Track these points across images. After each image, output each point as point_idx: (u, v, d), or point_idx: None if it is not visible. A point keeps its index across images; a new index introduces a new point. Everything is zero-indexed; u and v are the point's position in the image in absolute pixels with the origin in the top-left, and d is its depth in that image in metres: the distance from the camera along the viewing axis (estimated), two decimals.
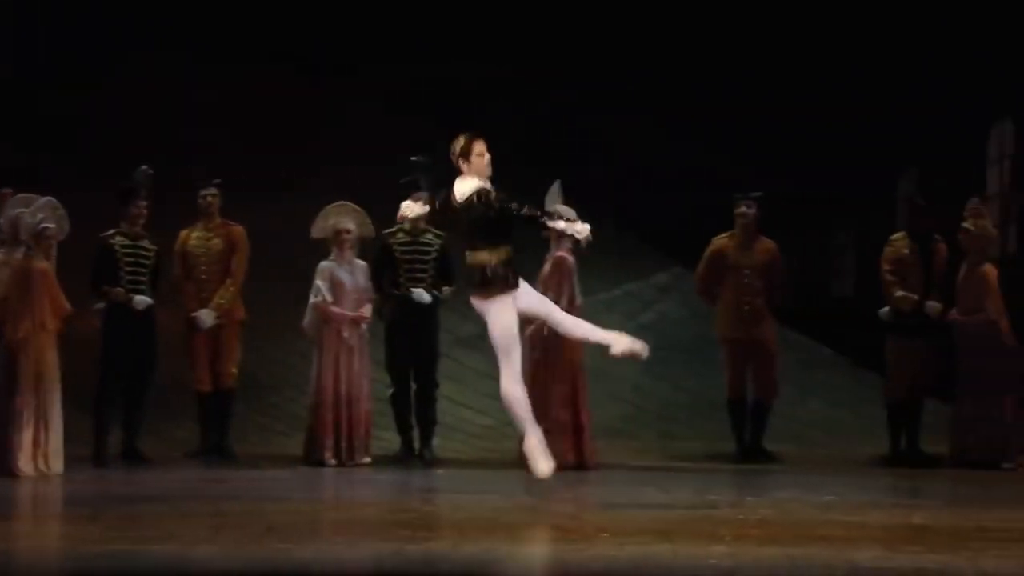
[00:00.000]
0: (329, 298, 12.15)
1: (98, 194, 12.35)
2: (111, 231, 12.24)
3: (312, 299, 12.20)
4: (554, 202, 11.81)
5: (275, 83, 16.62)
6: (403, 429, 12.38)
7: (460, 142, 9.65)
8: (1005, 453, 12.48)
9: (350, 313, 12.16)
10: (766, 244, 13.06)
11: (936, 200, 13.24)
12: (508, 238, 9.52)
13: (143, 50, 16.58)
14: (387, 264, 12.39)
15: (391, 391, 12.42)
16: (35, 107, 16.15)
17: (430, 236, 12.40)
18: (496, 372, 9.70)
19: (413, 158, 12.37)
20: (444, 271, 12.37)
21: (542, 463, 9.42)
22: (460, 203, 9.56)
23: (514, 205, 9.42)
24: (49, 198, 11.30)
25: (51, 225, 11.20)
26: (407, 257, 12.38)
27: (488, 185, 9.55)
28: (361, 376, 12.18)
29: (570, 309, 11.52)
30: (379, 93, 16.99)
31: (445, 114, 16.27)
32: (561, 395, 12.03)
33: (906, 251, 13.04)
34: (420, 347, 12.33)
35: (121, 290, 12.10)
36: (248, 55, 16.62)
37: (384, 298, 12.38)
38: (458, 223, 9.65)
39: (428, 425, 12.36)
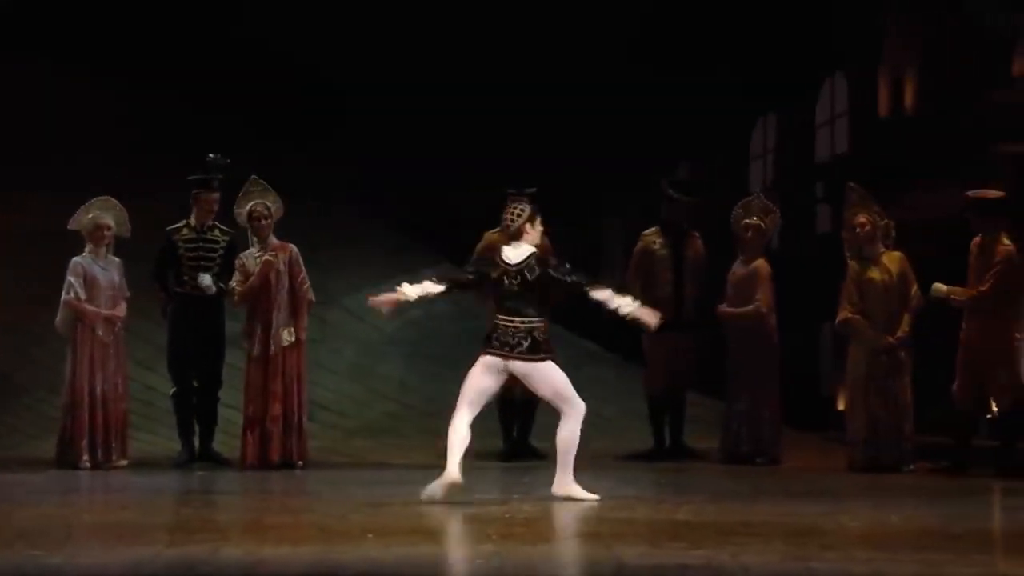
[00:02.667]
0: (83, 295, 11.92)
1: None
2: None
3: (64, 296, 11.95)
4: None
5: (40, 76, 16.29)
6: (186, 432, 12.22)
7: (527, 210, 9.62)
8: (762, 448, 12.81)
9: (103, 311, 11.94)
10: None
11: (692, 194, 13.47)
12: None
13: None
14: (171, 261, 12.22)
15: (173, 391, 12.24)
16: None
17: (216, 233, 12.30)
18: None
19: (210, 156, 12.26)
20: (230, 268, 12.25)
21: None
22: (516, 267, 9.56)
23: (577, 277, 9.69)
24: None
25: None
26: (192, 254, 12.22)
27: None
28: (117, 375, 11.99)
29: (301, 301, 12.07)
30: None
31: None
32: (278, 391, 11.99)
33: (656, 245, 13.26)
34: (206, 345, 12.19)
35: None
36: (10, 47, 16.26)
37: (168, 296, 12.21)
38: (505, 287, 9.61)
39: (211, 424, 12.25)
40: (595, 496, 9.57)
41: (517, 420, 13.04)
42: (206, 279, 12.13)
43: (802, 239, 18.15)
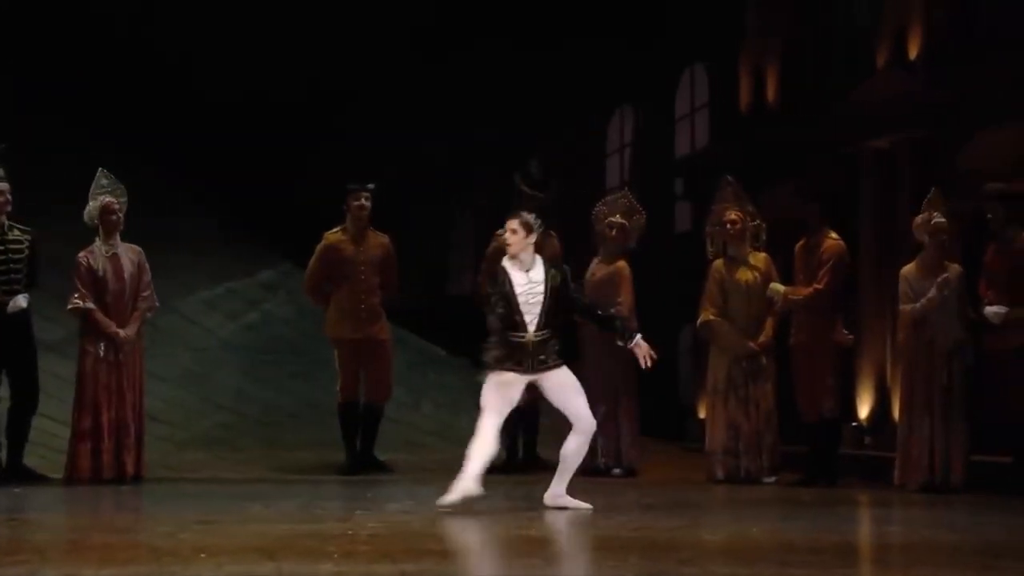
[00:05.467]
0: None
1: None
2: None
3: None
4: None
5: None
6: None
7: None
8: (619, 459, 12.89)
9: None
10: (380, 238, 13.09)
11: (546, 189, 13.50)
12: None
13: None
14: None
15: None
16: None
17: (17, 233, 12.03)
18: None
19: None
20: (33, 270, 12.05)
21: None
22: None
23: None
24: None
25: None
26: (14, 256, 11.96)
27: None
28: None
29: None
30: None
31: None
32: (131, 402, 11.88)
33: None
34: (17, 356, 11.93)
35: None
36: None
37: None
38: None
39: (23, 437, 12.02)
40: (588, 505, 9.91)
41: (359, 432, 12.98)
42: (21, 303, 11.87)
43: (660, 238, 18.31)
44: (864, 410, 15.14)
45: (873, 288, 15.03)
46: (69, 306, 12.00)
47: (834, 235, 12.35)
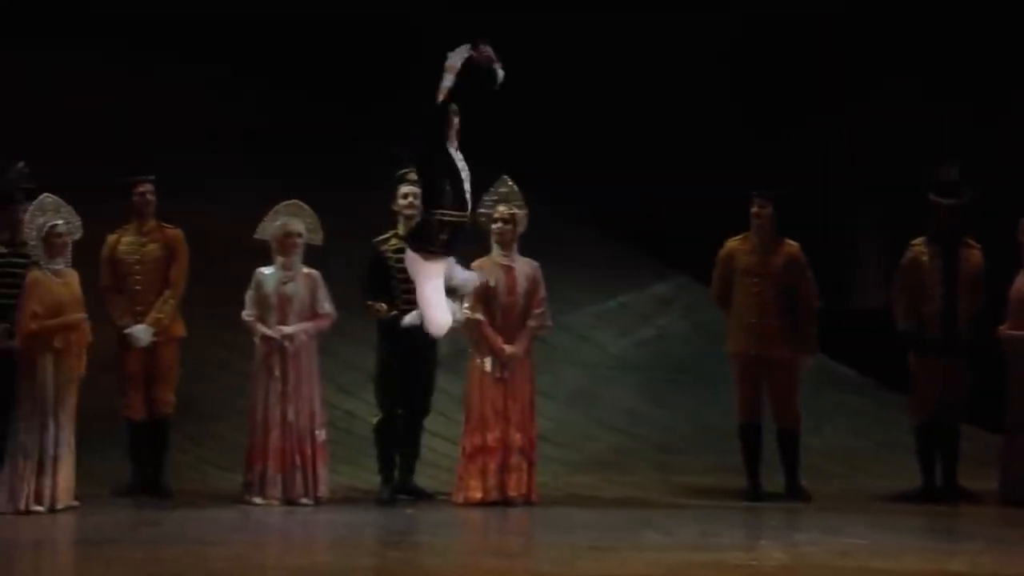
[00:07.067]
0: (254, 311, 11.95)
1: None
2: None
3: (244, 313, 12.01)
4: None
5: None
6: (387, 466, 12.15)
7: None
8: None
9: (265, 331, 11.84)
10: (787, 248, 12.88)
11: (956, 196, 13.07)
12: None
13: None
14: (381, 276, 12.14)
15: (377, 419, 12.21)
16: None
17: None
18: None
19: (393, 151, 12.28)
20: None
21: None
22: None
23: None
24: None
25: None
26: (402, 265, 12.19)
27: None
28: (301, 400, 11.88)
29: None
30: None
31: None
32: (516, 423, 11.96)
33: (925, 257, 12.94)
34: (416, 371, 12.15)
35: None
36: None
37: (375, 316, 12.17)
38: None
39: (414, 457, 12.24)
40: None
41: (765, 454, 12.83)
42: (415, 320, 12.04)
43: None
44: None
45: None
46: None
47: None
